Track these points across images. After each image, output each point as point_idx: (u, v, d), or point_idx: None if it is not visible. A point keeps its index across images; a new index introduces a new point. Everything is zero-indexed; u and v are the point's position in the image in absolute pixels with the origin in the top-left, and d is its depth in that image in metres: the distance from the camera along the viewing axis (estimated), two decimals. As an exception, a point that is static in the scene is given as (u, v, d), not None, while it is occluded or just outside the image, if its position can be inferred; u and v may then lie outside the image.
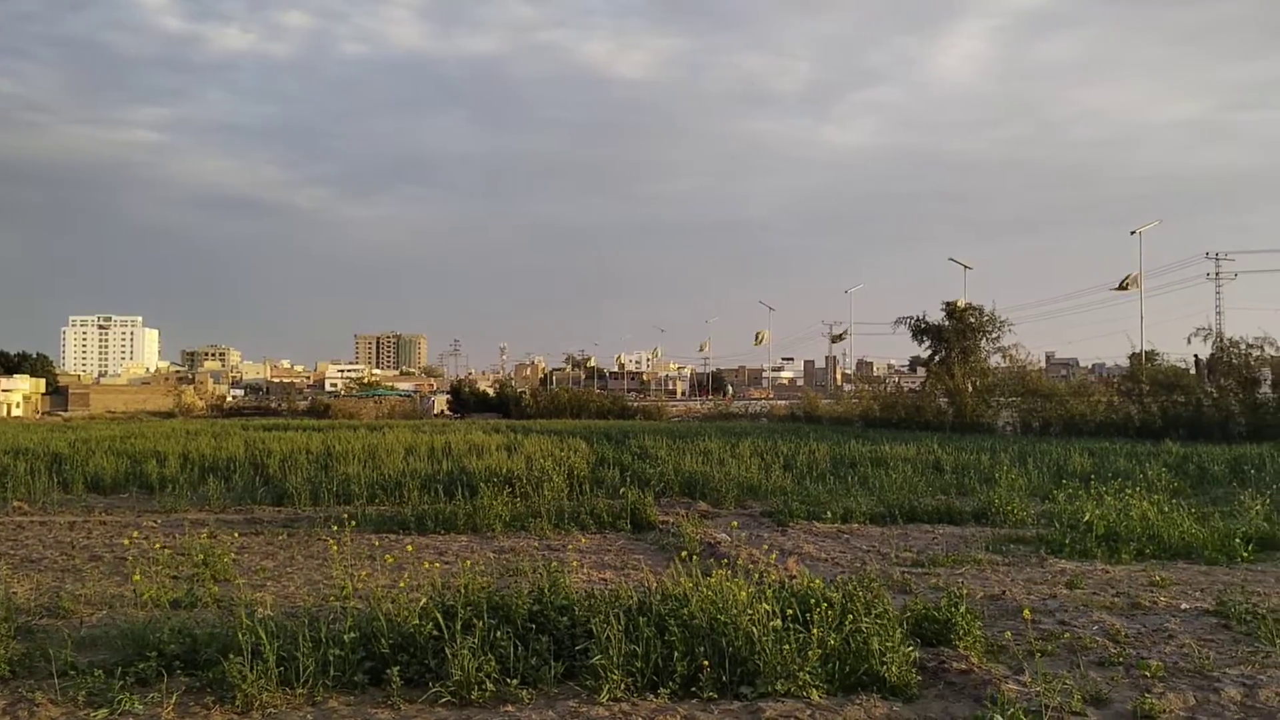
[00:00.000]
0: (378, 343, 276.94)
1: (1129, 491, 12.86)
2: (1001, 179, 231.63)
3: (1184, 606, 8.03)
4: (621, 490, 14.58)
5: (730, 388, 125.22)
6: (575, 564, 9.56)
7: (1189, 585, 8.96)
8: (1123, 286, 66.41)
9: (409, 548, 10.45)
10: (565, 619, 6.49)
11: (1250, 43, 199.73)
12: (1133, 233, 68.78)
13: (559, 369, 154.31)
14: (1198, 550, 10.41)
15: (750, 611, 6.08)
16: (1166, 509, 11.86)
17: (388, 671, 5.84)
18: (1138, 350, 40.98)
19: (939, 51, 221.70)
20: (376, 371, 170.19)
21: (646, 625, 6.10)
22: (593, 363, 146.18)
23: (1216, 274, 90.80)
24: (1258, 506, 12.42)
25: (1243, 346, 29.61)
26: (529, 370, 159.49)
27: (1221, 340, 30.72)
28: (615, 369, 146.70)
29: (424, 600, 6.54)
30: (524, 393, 73.26)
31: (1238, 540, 10.50)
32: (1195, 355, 31.45)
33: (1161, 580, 9.10)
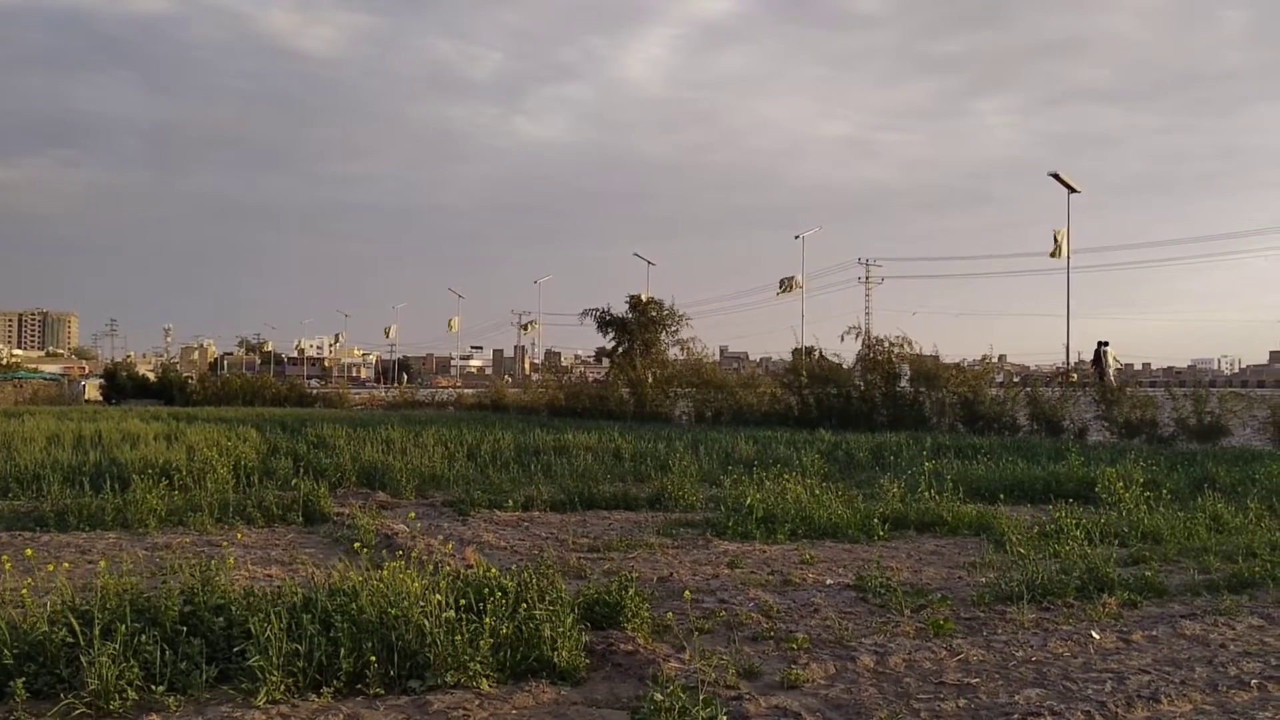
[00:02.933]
0: (19, 320, 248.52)
1: (786, 477, 13.87)
2: (684, 180, 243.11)
3: (829, 582, 8.74)
4: (294, 482, 13.89)
5: (405, 375, 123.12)
6: (235, 561, 8.96)
7: (834, 562, 9.76)
8: (785, 288, 71.59)
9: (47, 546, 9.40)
10: (221, 619, 6.07)
11: (890, 71, 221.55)
12: (797, 237, 74.48)
13: (231, 353, 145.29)
14: (843, 529, 11.35)
15: (422, 603, 5.95)
16: (817, 492, 12.88)
17: (10, 684, 5.21)
18: (800, 346, 44.23)
19: (627, 54, 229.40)
20: (18, 352, 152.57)
21: (310, 622, 5.81)
22: (270, 347, 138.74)
23: (867, 278, 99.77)
24: (894, 489, 13.75)
25: (886, 344, 32.54)
26: (197, 354, 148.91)
27: (869, 338, 33.65)
28: (295, 354, 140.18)
29: (55, 604, 5.90)
30: (190, 378, 68.30)
31: (876, 520, 11.55)
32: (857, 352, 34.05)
33: (811, 558, 9.84)
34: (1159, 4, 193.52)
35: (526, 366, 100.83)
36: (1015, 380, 31.96)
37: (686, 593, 7.24)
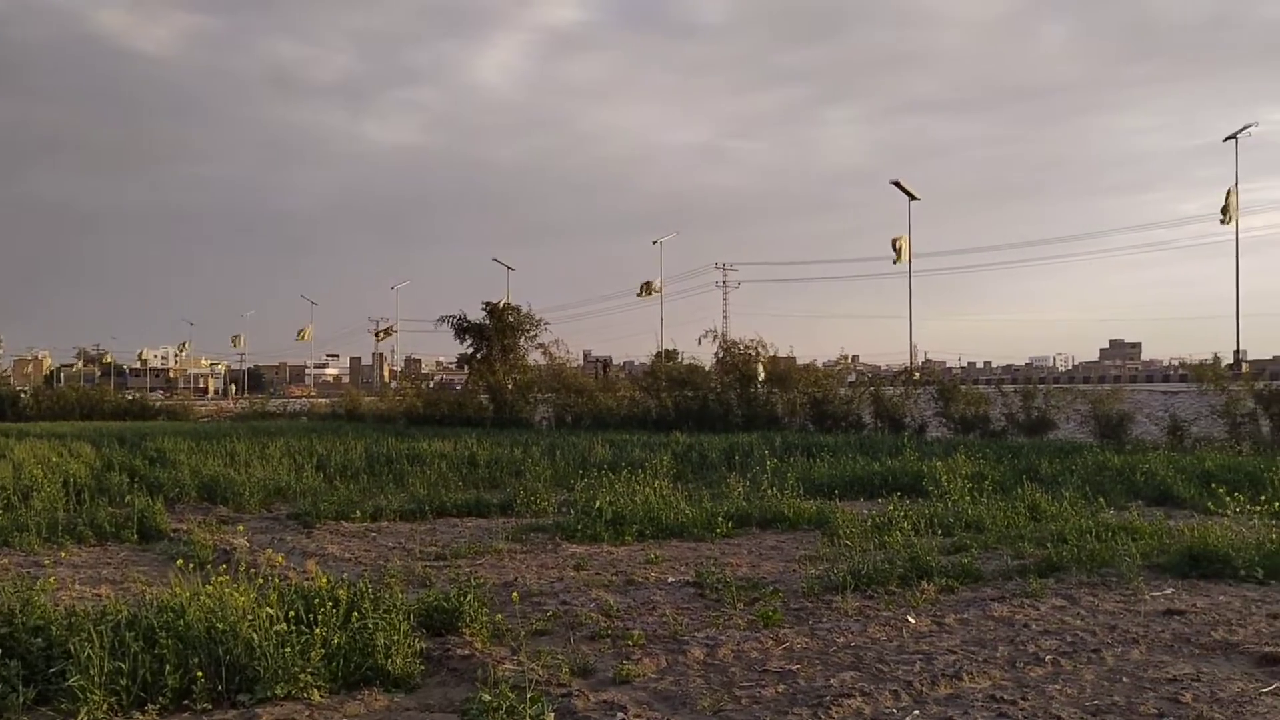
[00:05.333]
0: None
1: (636, 479, 14.12)
2: (540, 185, 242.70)
3: (670, 580, 8.99)
4: (129, 498, 13.40)
5: (257, 385, 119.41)
6: (61, 581, 8.64)
7: (677, 560, 10.02)
8: (644, 292, 72.35)
9: None
10: (40, 640, 5.92)
11: (738, 81, 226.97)
12: (654, 242, 75.37)
13: (69, 365, 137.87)
14: (689, 529, 11.65)
15: (252, 617, 5.91)
16: (666, 493, 13.16)
17: None
18: (660, 349, 44.79)
19: (478, 59, 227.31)
20: None
21: (134, 640, 5.71)
22: (110, 359, 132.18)
23: (724, 282, 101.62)
24: (739, 488, 14.17)
25: (741, 347, 33.31)
26: (31, 367, 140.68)
27: (725, 341, 34.37)
28: (138, 365, 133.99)
29: None
30: (24, 391, 64.53)
31: (721, 518, 11.90)
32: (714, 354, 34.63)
33: (656, 558, 10.09)
34: (985, 20, 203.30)
35: (385, 374, 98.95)
36: (865, 379, 33.18)
37: (515, 595, 7.34)
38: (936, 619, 7.32)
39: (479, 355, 45.31)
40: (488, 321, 45.57)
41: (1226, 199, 43.74)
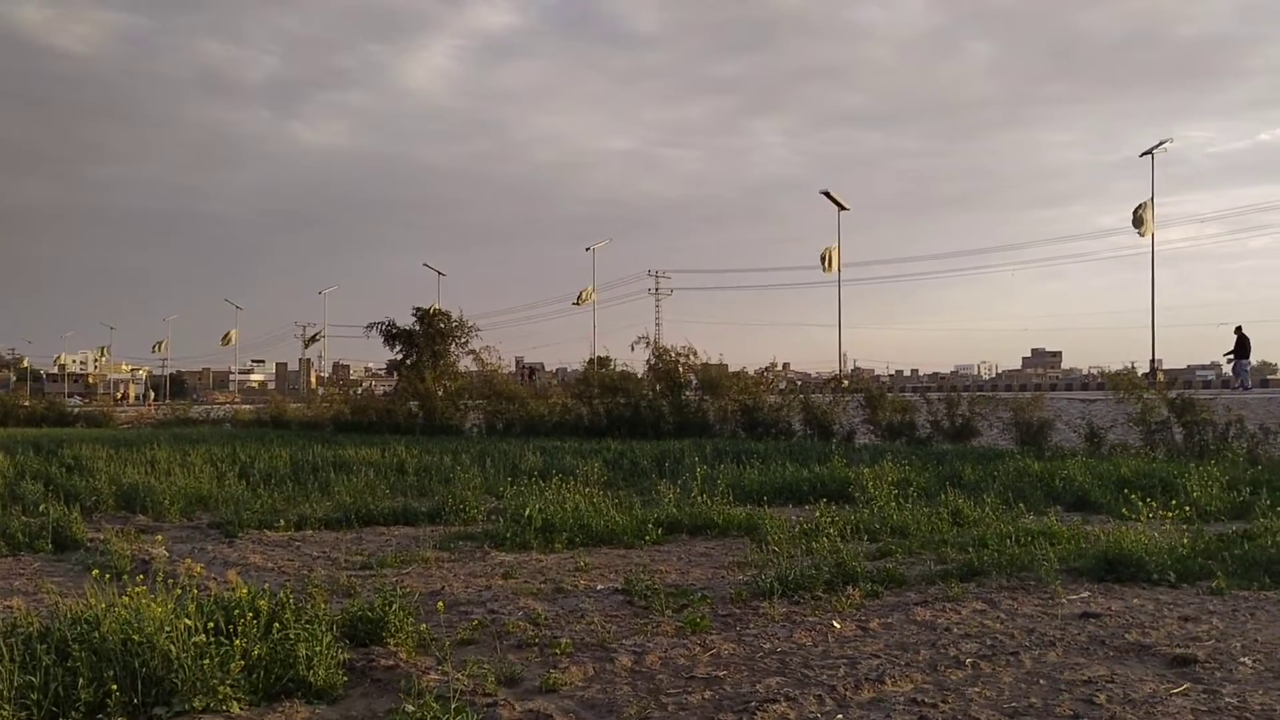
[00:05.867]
0: None
1: (567, 486, 14.09)
2: (472, 191, 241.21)
3: (599, 587, 8.98)
4: (43, 507, 13.00)
5: (180, 390, 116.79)
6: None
7: (607, 568, 10.02)
8: (580, 300, 72.33)
9: None
10: (-57, 656, 5.70)
11: (670, 90, 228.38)
12: (587, 249, 75.42)
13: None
14: (619, 536, 11.65)
15: (170, 628, 5.78)
16: (596, 500, 13.14)
17: None
18: (593, 356, 44.77)
19: (409, 62, 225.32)
20: None
21: (46, 653, 5.55)
22: (26, 364, 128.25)
23: (656, 289, 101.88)
24: (670, 495, 14.22)
25: (673, 354, 33.41)
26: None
27: (657, 348, 34.43)
28: (55, 371, 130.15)
29: None
30: (-67, 398, 62.25)
31: (651, 525, 11.93)
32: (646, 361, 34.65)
33: (586, 565, 10.08)
34: (913, 36, 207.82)
35: (312, 380, 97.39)
36: (796, 387, 33.52)
37: (440, 605, 7.26)
38: (861, 624, 7.42)
39: (409, 362, 44.83)
40: (418, 328, 45.11)
41: (1139, 212, 45.06)
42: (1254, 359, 39.57)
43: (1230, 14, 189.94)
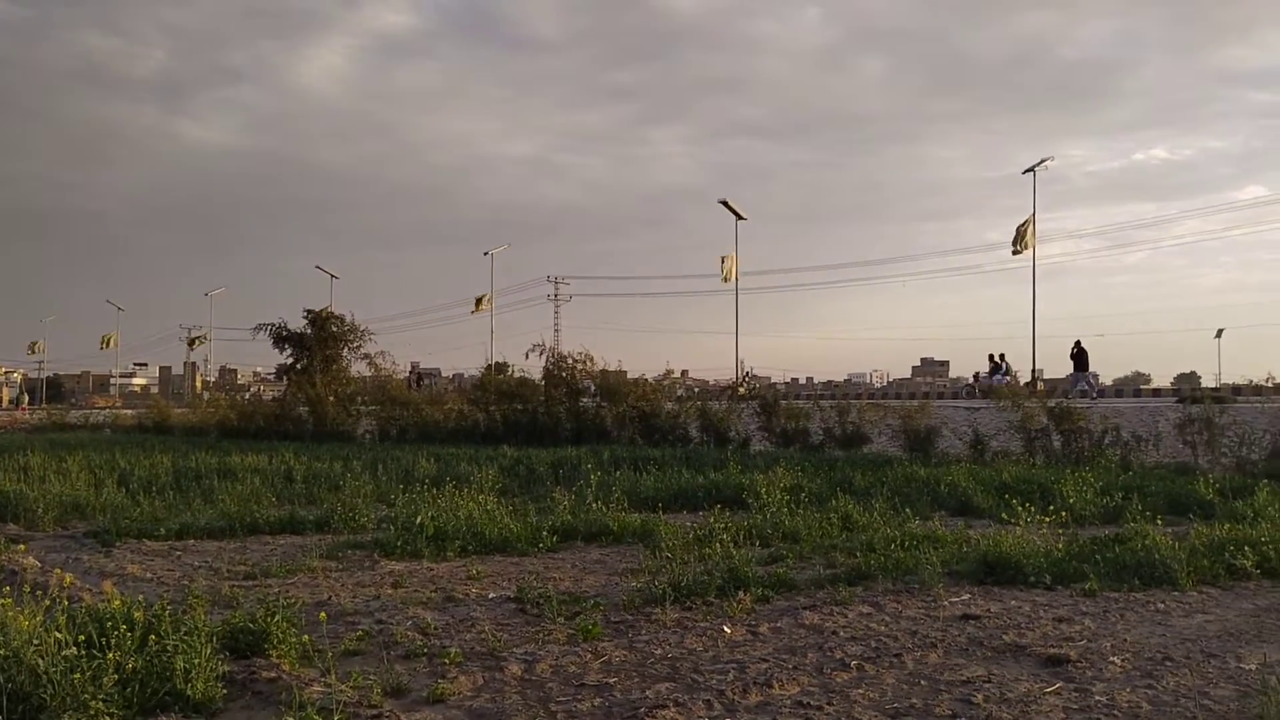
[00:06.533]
0: None
1: (461, 493, 13.93)
2: (367, 193, 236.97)
3: (491, 595, 8.90)
4: (-99, 517, 12.31)
5: (57, 394, 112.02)
6: None
7: (500, 576, 9.94)
8: (478, 305, 71.74)
9: None
10: None
11: (569, 96, 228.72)
12: (485, 253, 74.87)
13: None
14: (513, 543, 11.57)
15: (39, 641, 5.53)
16: (490, 507, 13.02)
17: None
18: (490, 362, 44.35)
19: (303, 61, 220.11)
20: None
21: (-100, 672, 5.25)
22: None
23: (556, 295, 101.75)
24: (565, 502, 14.18)
25: (570, 360, 33.33)
26: None
27: (555, 355, 34.29)
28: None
29: None
30: None
31: (545, 532, 11.88)
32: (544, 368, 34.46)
33: (478, 573, 9.97)
34: (807, 50, 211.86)
35: (198, 384, 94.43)
36: (693, 394, 33.78)
37: (322, 615, 7.10)
38: (751, 628, 7.50)
39: (299, 366, 43.71)
40: (309, 330, 44.04)
41: (1021, 228, 46.75)
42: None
43: (1108, 39, 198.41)
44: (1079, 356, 37.76)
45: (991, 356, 42.68)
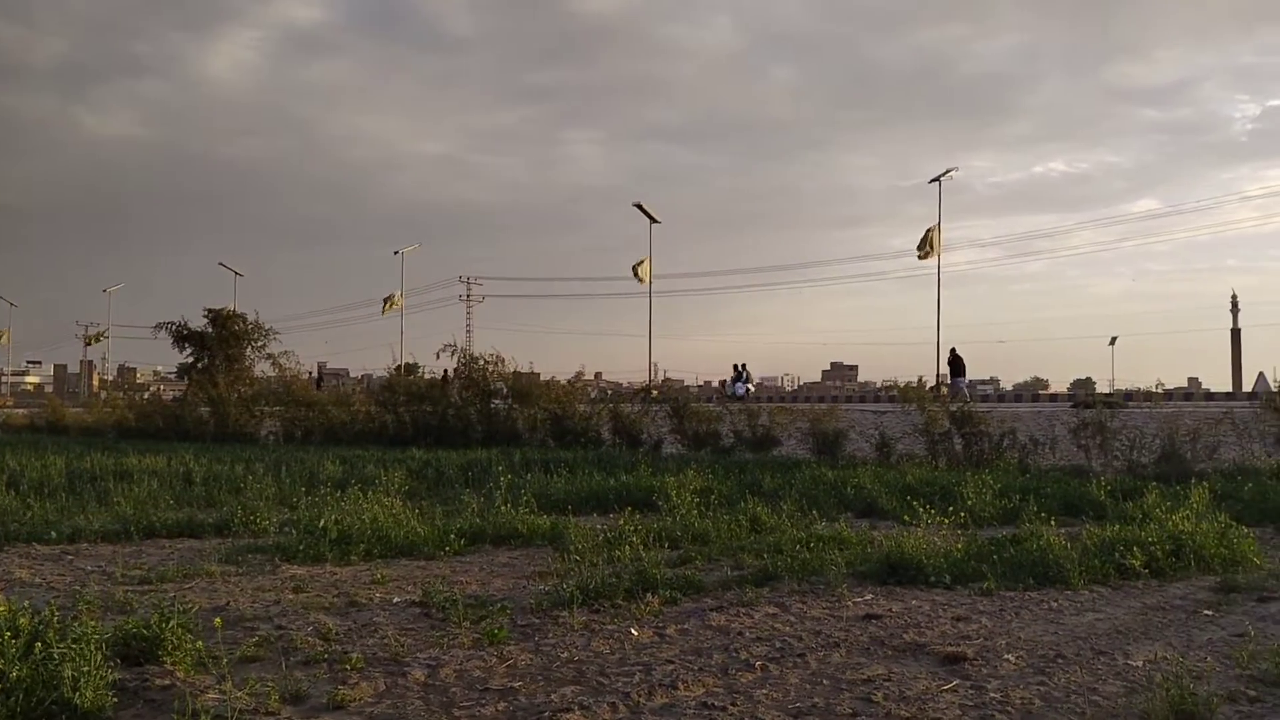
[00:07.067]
0: None
1: (367, 496, 13.70)
2: (275, 189, 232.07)
3: (395, 600, 8.77)
4: None
5: None
6: None
7: (405, 580, 9.79)
8: (388, 305, 70.76)
9: None
10: None
11: (484, 96, 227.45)
12: (396, 252, 73.95)
13: None
14: (419, 547, 11.41)
15: (-88, 653, 5.27)
16: (396, 510, 12.83)
17: None
18: (399, 363, 43.77)
19: (209, 53, 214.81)
20: None
21: None
22: None
23: (468, 295, 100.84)
24: (474, 504, 14.04)
25: (482, 362, 33.02)
26: None
27: (466, 356, 33.94)
28: None
29: None
30: None
31: (453, 536, 11.75)
32: (444, 370, 34.22)
33: (383, 578, 9.81)
34: (719, 56, 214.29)
35: (95, 383, 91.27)
36: (606, 396, 33.76)
37: (218, 620, 6.90)
38: (659, 630, 7.53)
39: (200, 365, 42.61)
40: (211, 329, 42.95)
41: (928, 234, 47.92)
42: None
43: (1009, 55, 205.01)
44: (955, 363, 39.17)
45: (735, 365, 47.38)
